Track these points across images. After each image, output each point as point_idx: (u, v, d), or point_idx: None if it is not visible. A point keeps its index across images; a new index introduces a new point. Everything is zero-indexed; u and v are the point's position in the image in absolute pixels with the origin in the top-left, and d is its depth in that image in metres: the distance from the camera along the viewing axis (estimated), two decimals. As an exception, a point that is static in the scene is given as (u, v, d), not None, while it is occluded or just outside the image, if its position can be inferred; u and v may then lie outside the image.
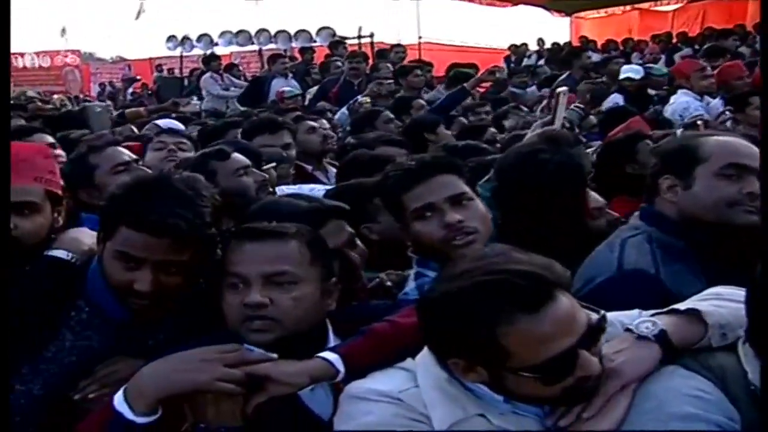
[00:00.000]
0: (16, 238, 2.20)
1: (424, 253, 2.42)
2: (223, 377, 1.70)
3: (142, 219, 1.99)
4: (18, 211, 2.21)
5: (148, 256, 2.00)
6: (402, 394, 1.74)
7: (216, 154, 3.18)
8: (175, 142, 3.97)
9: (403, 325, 1.93)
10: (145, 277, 2.01)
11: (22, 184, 2.23)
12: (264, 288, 1.93)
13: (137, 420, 1.70)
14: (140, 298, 2.03)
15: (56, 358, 2.11)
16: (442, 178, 2.38)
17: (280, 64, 10.88)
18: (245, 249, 1.99)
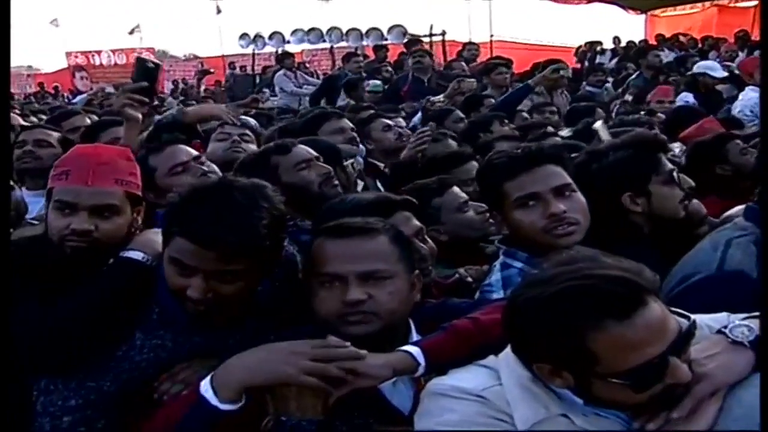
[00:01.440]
0: (96, 239, 2.24)
1: (517, 243, 2.42)
2: (310, 371, 1.71)
3: (192, 231, 1.98)
4: (99, 213, 2.26)
5: (199, 265, 2.00)
6: (485, 392, 1.74)
7: (277, 149, 3.16)
8: (239, 134, 3.99)
9: (484, 323, 1.92)
10: (197, 285, 2.00)
11: (103, 186, 2.27)
12: (361, 284, 1.96)
13: (221, 406, 1.72)
14: (195, 304, 2.04)
15: (127, 356, 2.15)
16: (548, 168, 2.40)
17: (353, 62, 10.90)
18: (336, 247, 2.03)
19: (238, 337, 2.20)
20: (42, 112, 9.50)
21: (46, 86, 25.82)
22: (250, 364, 1.76)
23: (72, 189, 2.26)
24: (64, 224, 2.24)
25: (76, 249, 2.23)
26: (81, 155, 2.36)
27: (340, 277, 1.98)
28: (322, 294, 2.00)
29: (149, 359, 2.15)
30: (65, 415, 2.13)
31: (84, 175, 2.27)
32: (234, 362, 1.78)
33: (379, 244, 2.04)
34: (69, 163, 2.32)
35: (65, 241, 2.23)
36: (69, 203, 2.25)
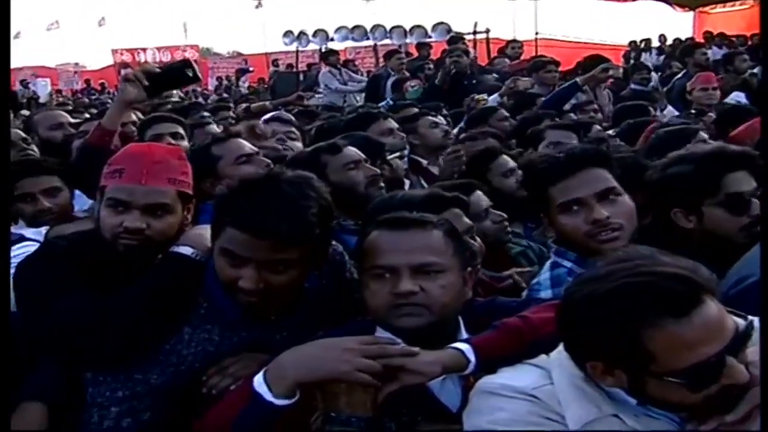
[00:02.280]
0: (148, 237, 2.26)
1: (565, 245, 2.42)
2: (363, 368, 1.71)
3: (244, 221, 2.02)
4: (151, 212, 2.28)
5: (251, 256, 2.03)
6: (536, 391, 1.73)
7: (328, 148, 3.22)
8: (285, 131, 4.03)
9: (535, 321, 1.91)
10: (249, 275, 2.03)
11: (156, 185, 2.29)
12: (413, 277, 1.96)
13: (276, 402, 1.73)
14: (247, 295, 2.07)
15: (175, 350, 2.18)
16: (591, 172, 2.37)
17: (396, 60, 10.87)
18: (390, 239, 2.03)
19: (285, 333, 2.23)
20: (93, 107, 9.63)
21: (93, 83, 26.17)
22: (304, 360, 1.76)
23: (126, 187, 2.28)
24: (117, 222, 2.26)
25: (128, 246, 2.26)
26: (135, 154, 2.37)
27: (393, 269, 1.98)
28: (374, 286, 2.00)
29: (196, 353, 2.18)
30: (113, 405, 2.16)
31: (138, 174, 2.28)
32: (287, 358, 1.79)
33: (434, 237, 2.04)
34: (123, 162, 2.34)
35: (118, 239, 2.26)
36: (122, 201, 2.27)
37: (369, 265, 2.02)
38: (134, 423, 2.16)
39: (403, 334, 1.91)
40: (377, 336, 1.92)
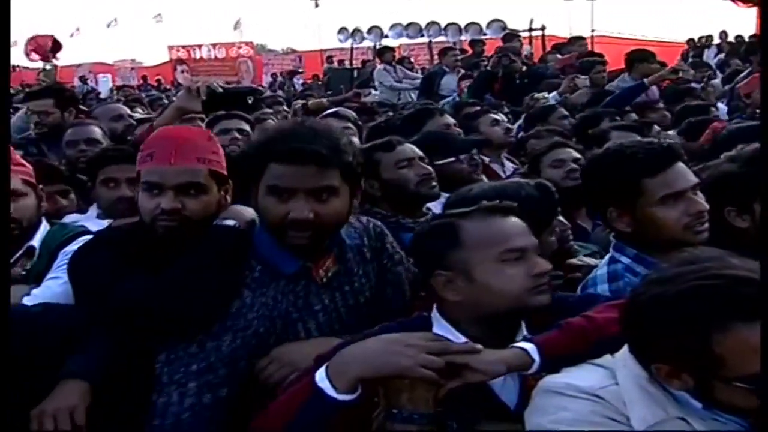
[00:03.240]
0: (185, 217, 2.33)
1: (636, 238, 2.39)
2: (426, 364, 1.70)
3: (287, 150, 2.16)
4: (185, 191, 2.34)
5: (298, 186, 2.16)
6: (601, 391, 1.71)
7: (382, 146, 3.26)
8: (342, 127, 4.03)
9: (599, 321, 1.89)
10: (298, 206, 2.16)
11: (185, 164, 2.35)
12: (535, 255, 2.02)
13: (338, 397, 1.73)
14: (299, 229, 2.17)
15: (240, 314, 2.24)
16: (682, 166, 2.37)
17: (450, 56, 10.85)
18: (509, 224, 2.05)
19: (335, 296, 2.34)
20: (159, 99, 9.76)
21: (149, 79, 26.54)
22: (367, 356, 1.76)
23: (157, 169, 2.35)
24: (153, 205, 2.33)
25: (167, 228, 2.33)
26: (163, 137, 2.45)
27: (524, 250, 2.00)
28: (511, 270, 1.97)
29: (259, 317, 2.25)
30: (189, 381, 2.22)
31: (167, 155, 2.35)
32: (350, 353, 1.80)
33: (521, 222, 2.09)
34: (152, 146, 2.41)
35: (157, 221, 2.33)
36: (156, 183, 2.34)
37: (499, 251, 1.99)
38: (213, 400, 2.21)
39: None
40: (438, 333, 1.92)
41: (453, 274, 1.99)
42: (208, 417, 2.20)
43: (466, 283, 1.98)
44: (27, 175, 2.80)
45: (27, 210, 2.74)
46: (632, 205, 2.36)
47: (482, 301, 1.97)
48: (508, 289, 1.96)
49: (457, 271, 1.99)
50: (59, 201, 3.34)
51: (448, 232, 2.04)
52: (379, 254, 2.49)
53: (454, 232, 2.03)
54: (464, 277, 1.98)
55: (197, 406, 2.20)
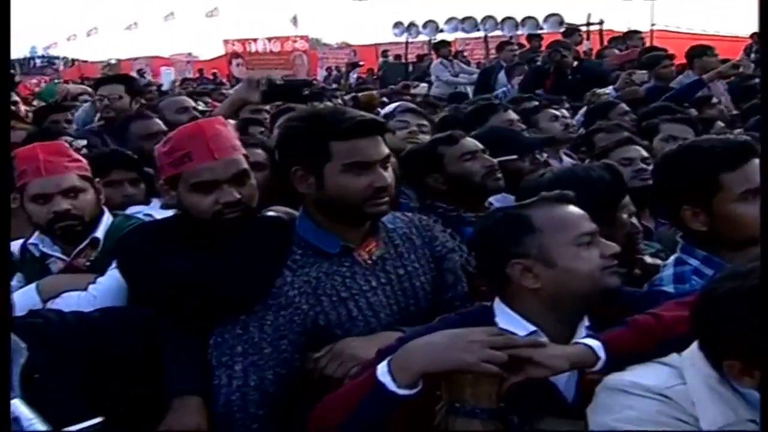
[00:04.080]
0: (244, 204, 2.40)
1: (709, 237, 2.33)
2: (490, 359, 1.70)
3: (352, 125, 2.25)
4: (237, 181, 2.40)
5: (375, 156, 2.28)
6: (668, 390, 1.69)
7: (445, 139, 3.27)
8: (418, 124, 4.04)
9: (668, 320, 1.86)
10: (380, 175, 2.28)
11: (228, 156, 2.41)
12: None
13: (399, 392, 1.74)
14: (382, 196, 2.28)
15: (282, 292, 2.28)
16: (756, 161, 2.30)
17: (508, 51, 10.78)
18: (576, 211, 2.06)
19: (386, 278, 2.39)
20: (206, 94, 9.87)
21: (206, 72, 26.80)
22: (431, 351, 1.76)
23: (204, 167, 2.39)
24: (211, 201, 2.38)
25: (233, 220, 2.39)
26: (191, 135, 2.46)
27: (593, 234, 2.01)
28: (585, 254, 1.98)
29: (301, 293, 2.29)
30: (236, 363, 2.26)
31: (206, 151, 2.39)
32: (413, 347, 1.80)
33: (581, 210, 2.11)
34: (183, 146, 2.42)
35: (220, 216, 2.38)
36: (209, 182, 2.38)
37: (575, 234, 2.00)
38: (259, 382, 2.24)
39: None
40: (501, 327, 1.92)
41: (531, 262, 1.98)
42: (256, 399, 2.24)
43: (546, 269, 1.97)
44: (83, 170, 2.84)
45: (87, 205, 2.78)
46: (709, 202, 2.29)
47: (564, 284, 1.97)
48: (588, 270, 1.97)
49: (535, 257, 1.98)
50: (128, 188, 3.37)
51: (520, 221, 2.04)
52: (431, 242, 2.53)
53: (526, 220, 2.02)
54: (543, 263, 1.97)
55: (244, 387, 2.24)
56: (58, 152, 2.83)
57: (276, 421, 2.26)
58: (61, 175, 2.74)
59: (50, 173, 2.72)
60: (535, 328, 1.95)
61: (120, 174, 3.36)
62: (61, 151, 2.85)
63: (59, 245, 2.79)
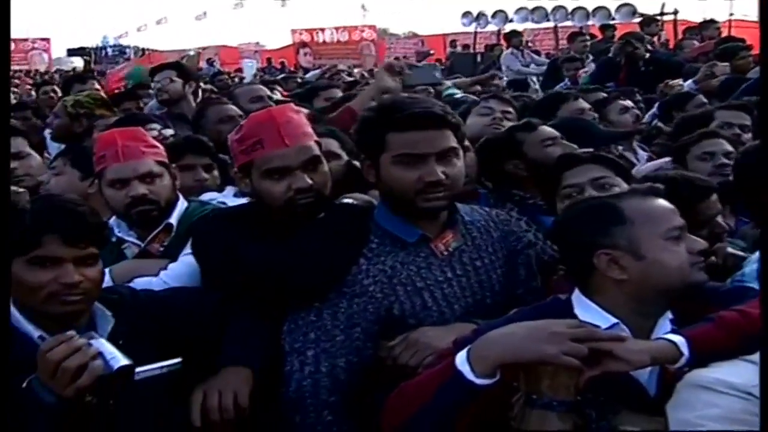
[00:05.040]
0: (316, 190, 2.42)
1: None
2: (570, 352, 1.68)
3: (407, 117, 2.25)
4: (308, 167, 2.43)
5: (428, 150, 2.25)
6: (755, 389, 1.64)
7: (524, 126, 3.27)
8: (502, 111, 4.01)
9: (754, 317, 1.80)
10: (430, 169, 2.25)
11: (299, 143, 2.44)
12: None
13: (477, 381, 1.73)
14: (435, 191, 2.26)
15: (357, 280, 2.31)
16: None
17: (579, 42, 10.64)
18: (664, 203, 2.04)
19: (462, 269, 2.38)
20: (278, 83, 9.92)
21: (273, 62, 27.03)
22: (511, 342, 1.75)
23: (276, 154, 2.41)
24: (283, 188, 2.40)
25: (306, 205, 2.41)
26: (263, 122, 2.49)
27: (682, 228, 1.99)
28: (674, 248, 1.95)
29: (376, 281, 2.30)
30: (308, 349, 2.29)
31: (278, 138, 2.41)
32: (493, 338, 1.79)
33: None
34: (255, 134, 2.46)
35: (293, 202, 2.41)
36: (281, 168, 2.41)
37: (666, 228, 1.97)
38: (331, 368, 2.27)
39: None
40: (581, 319, 1.89)
41: (619, 253, 1.94)
42: (327, 385, 2.26)
43: (634, 261, 1.93)
44: (160, 156, 2.89)
45: (163, 190, 2.82)
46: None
47: (652, 277, 1.93)
48: (677, 264, 1.93)
49: (623, 249, 1.94)
50: (200, 173, 3.41)
51: (609, 211, 2.00)
52: (508, 237, 2.52)
53: (617, 211, 1.99)
54: (632, 254, 1.94)
55: (316, 374, 2.27)
56: (136, 138, 2.87)
57: (347, 408, 2.27)
58: (138, 160, 2.78)
59: (128, 158, 2.77)
60: (617, 321, 1.92)
61: (193, 158, 3.42)
62: (138, 137, 2.89)
63: (135, 230, 2.84)
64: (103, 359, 1.86)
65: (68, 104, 4.90)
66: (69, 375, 1.81)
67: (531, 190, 3.08)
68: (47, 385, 1.83)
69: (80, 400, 1.87)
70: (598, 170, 2.68)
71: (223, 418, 2.16)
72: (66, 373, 1.81)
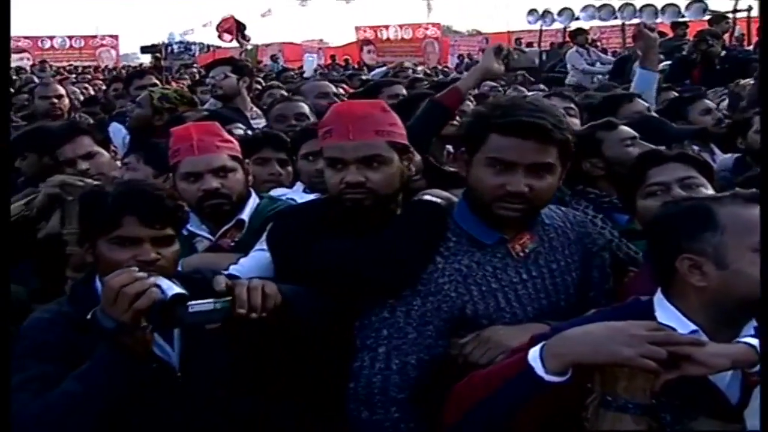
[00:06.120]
0: (370, 189, 2.40)
1: None
2: (648, 354, 1.65)
3: (511, 122, 2.21)
4: (367, 164, 2.41)
5: (519, 160, 2.21)
6: None
7: (604, 125, 3.24)
8: (565, 107, 3.98)
9: None
10: (516, 180, 2.22)
11: (364, 139, 2.42)
12: None
13: (546, 377, 1.72)
14: (513, 201, 2.23)
15: (432, 279, 2.30)
16: None
17: (646, 39, 10.42)
18: (757, 214, 1.93)
19: (538, 272, 2.37)
20: (343, 81, 9.97)
21: (337, 59, 27.16)
22: (589, 341, 1.73)
23: (337, 145, 2.43)
24: (338, 179, 2.42)
25: (354, 201, 2.41)
26: (339, 113, 2.52)
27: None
28: (756, 259, 1.87)
29: (451, 281, 2.30)
30: (380, 346, 2.30)
31: (345, 131, 2.42)
32: (571, 336, 1.77)
33: None
34: (330, 122, 2.49)
35: (343, 195, 2.41)
36: (337, 159, 2.43)
37: (755, 240, 1.88)
38: (402, 366, 2.28)
39: None
40: (661, 322, 1.85)
41: (702, 259, 1.89)
42: (397, 382, 2.27)
43: (717, 269, 1.88)
44: (234, 151, 2.92)
45: (236, 184, 2.86)
46: None
47: (732, 288, 1.87)
48: (755, 275, 1.85)
49: (708, 255, 1.89)
50: (275, 167, 3.45)
51: (702, 215, 1.94)
52: (583, 239, 2.50)
53: (710, 215, 1.93)
54: (715, 262, 1.88)
55: (386, 370, 2.28)
56: (211, 132, 2.92)
57: (415, 405, 2.27)
58: (212, 154, 2.82)
59: (202, 152, 2.81)
60: (696, 328, 1.88)
61: (270, 152, 3.46)
62: (213, 132, 2.93)
63: (206, 225, 2.88)
64: (160, 289, 1.97)
65: (155, 97, 4.95)
66: (128, 300, 1.92)
67: (604, 188, 3.06)
68: (108, 312, 1.94)
69: (137, 326, 1.96)
70: (684, 169, 2.64)
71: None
72: (125, 297, 1.92)
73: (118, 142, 4.80)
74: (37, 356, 2.07)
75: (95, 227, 2.20)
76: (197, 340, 2.21)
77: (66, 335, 2.10)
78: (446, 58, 27.35)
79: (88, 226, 2.26)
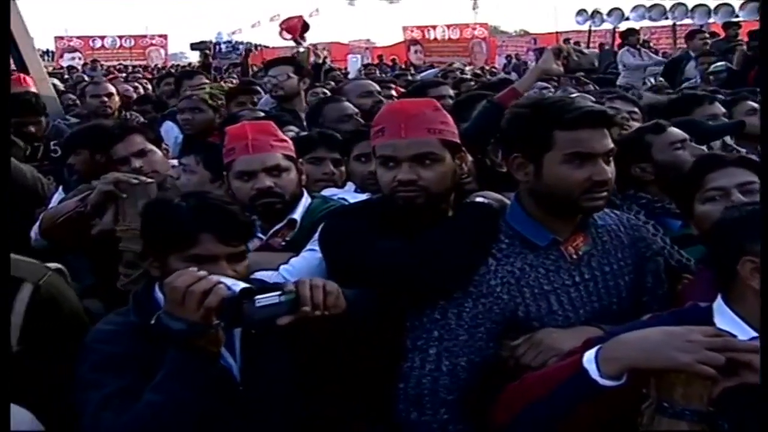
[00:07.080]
0: (422, 187, 2.40)
1: None
2: (706, 360, 1.63)
3: (579, 116, 2.23)
4: (419, 162, 2.41)
5: (598, 149, 2.23)
6: None
7: (652, 128, 3.20)
8: (628, 111, 3.96)
9: None
10: (600, 168, 2.23)
11: (416, 137, 2.42)
12: None
13: (600, 381, 1.72)
14: (600, 191, 2.25)
15: (484, 280, 2.30)
16: None
17: (698, 40, 10.28)
18: None
19: (590, 274, 2.36)
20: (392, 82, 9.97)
21: (384, 59, 27.16)
22: (646, 346, 1.71)
23: (389, 143, 2.45)
24: (390, 177, 2.43)
25: (406, 199, 2.41)
26: (391, 112, 2.55)
27: None
28: None
29: (502, 284, 2.29)
30: (430, 347, 2.30)
31: (397, 129, 2.43)
32: (627, 340, 1.76)
33: None
34: (383, 121, 2.50)
35: (395, 193, 2.42)
36: (390, 157, 2.44)
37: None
38: (452, 367, 2.28)
39: None
40: (720, 328, 1.82)
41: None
42: (447, 384, 2.27)
43: None
44: (288, 150, 2.93)
45: (289, 184, 2.86)
46: None
47: None
48: None
49: None
50: (329, 166, 3.46)
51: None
52: (637, 243, 2.48)
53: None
54: None
55: (436, 372, 2.28)
56: (266, 131, 2.93)
57: (464, 407, 2.27)
58: (266, 153, 2.84)
59: (257, 151, 2.83)
60: (757, 335, 1.84)
61: (324, 152, 3.47)
62: (268, 131, 2.95)
63: (258, 224, 2.88)
64: (225, 286, 1.96)
65: (208, 98, 5.00)
66: (196, 299, 1.91)
67: (655, 193, 3.03)
68: (176, 314, 1.93)
69: (209, 325, 1.96)
70: (743, 174, 2.58)
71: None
72: (193, 296, 1.91)
73: (170, 141, 4.83)
74: (111, 370, 2.05)
75: (167, 242, 2.18)
76: (258, 349, 2.21)
77: (136, 346, 2.08)
78: (494, 59, 27.25)
79: (158, 240, 2.24)
